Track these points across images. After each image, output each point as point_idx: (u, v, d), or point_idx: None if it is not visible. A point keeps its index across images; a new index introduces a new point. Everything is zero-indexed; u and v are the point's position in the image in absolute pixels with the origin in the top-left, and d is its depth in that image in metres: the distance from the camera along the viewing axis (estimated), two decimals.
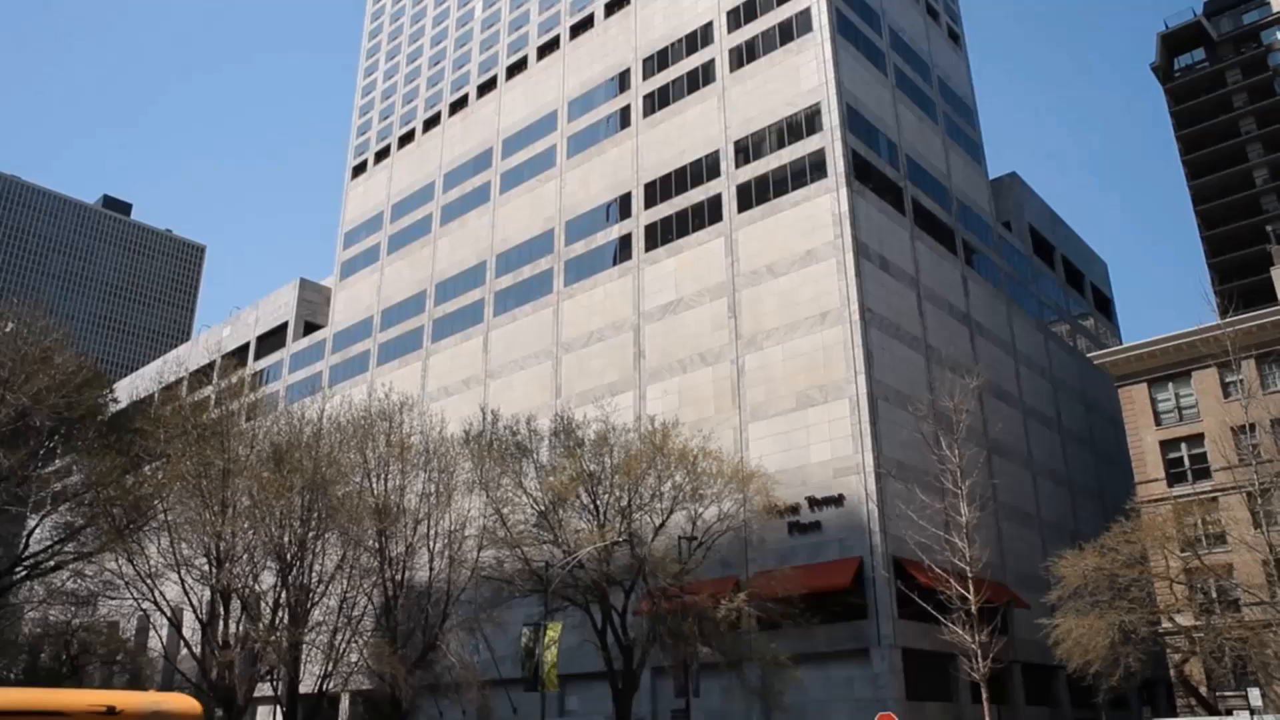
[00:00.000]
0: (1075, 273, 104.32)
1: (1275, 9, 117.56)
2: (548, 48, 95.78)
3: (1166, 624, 51.95)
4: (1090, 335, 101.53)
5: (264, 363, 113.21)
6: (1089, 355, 72.74)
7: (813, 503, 59.67)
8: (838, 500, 58.85)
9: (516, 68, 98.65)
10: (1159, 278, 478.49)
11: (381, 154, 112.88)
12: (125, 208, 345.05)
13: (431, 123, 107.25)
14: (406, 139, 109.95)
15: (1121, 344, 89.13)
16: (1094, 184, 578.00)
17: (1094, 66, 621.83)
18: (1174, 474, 61.02)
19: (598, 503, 54.34)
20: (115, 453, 50.07)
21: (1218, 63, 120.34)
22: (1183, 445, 61.29)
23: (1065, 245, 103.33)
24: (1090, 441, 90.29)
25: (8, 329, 50.75)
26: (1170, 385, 63.05)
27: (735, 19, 78.74)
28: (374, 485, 54.33)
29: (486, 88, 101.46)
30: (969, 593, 45.83)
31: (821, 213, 66.03)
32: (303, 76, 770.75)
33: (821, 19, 72.25)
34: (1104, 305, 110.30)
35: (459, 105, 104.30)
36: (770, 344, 65.45)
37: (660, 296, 73.37)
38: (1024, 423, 79.26)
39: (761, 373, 65.24)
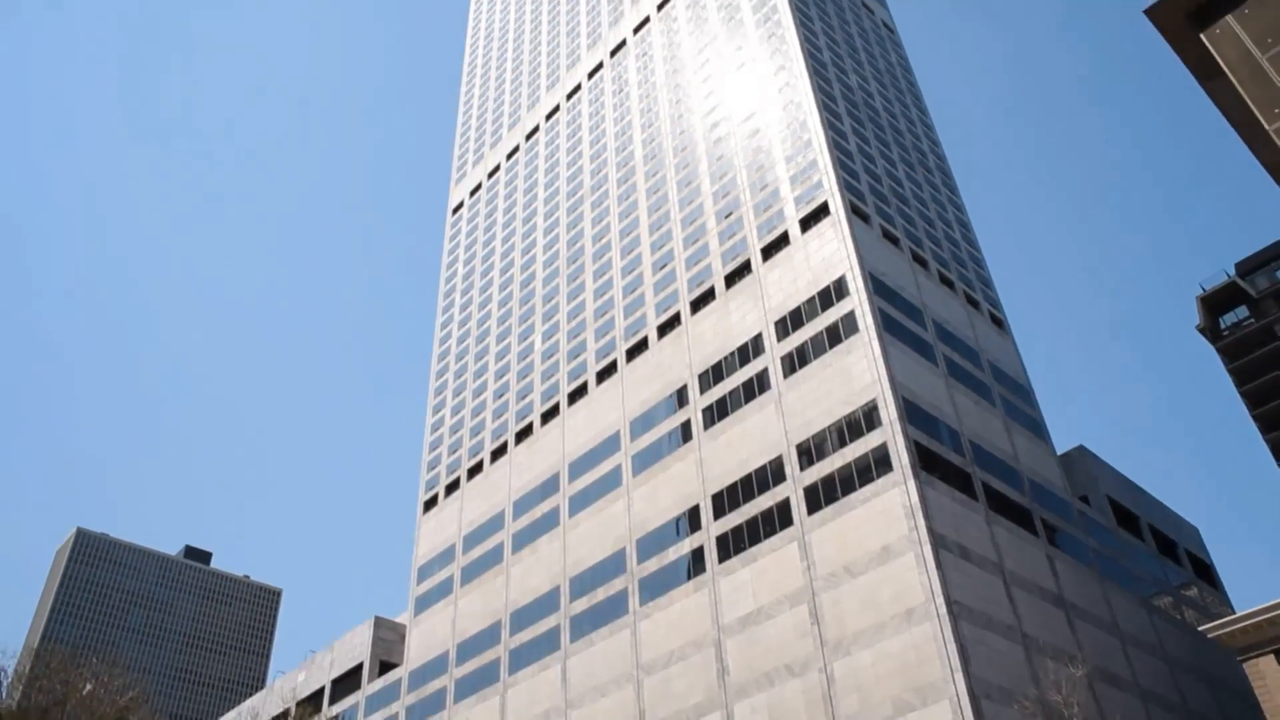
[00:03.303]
0: (1167, 541, 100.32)
1: None
2: (606, 372, 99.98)
3: None
4: (1197, 606, 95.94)
5: (339, 707, 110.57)
6: (1201, 628, 68.34)
7: None
8: None
9: (577, 393, 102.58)
10: (1258, 537, 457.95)
11: (452, 486, 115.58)
12: (205, 556, 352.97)
13: (499, 452, 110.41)
14: (475, 470, 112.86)
15: (1234, 613, 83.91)
16: (1165, 448, 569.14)
17: (1136, 334, 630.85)
18: None
19: None
20: None
21: (1263, 318, 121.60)
22: None
23: (1150, 514, 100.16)
24: None
25: (85, 690, 50.74)
26: None
27: (783, 328, 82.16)
28: None
29: (550, 415, 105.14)
30: None
31: (893, 507, 65.36)
32: (375, 418, 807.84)
33: (866, 320, 75.10)
34: (1205, 572, 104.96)
35: (524, 434, 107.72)
36: (858, 648, 62.72)
37: (739, 608, 71.56)
38: (1145, 710, 73.37)
39: (852, 679, 62.07)
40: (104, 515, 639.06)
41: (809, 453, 73.66)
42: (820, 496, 70.77)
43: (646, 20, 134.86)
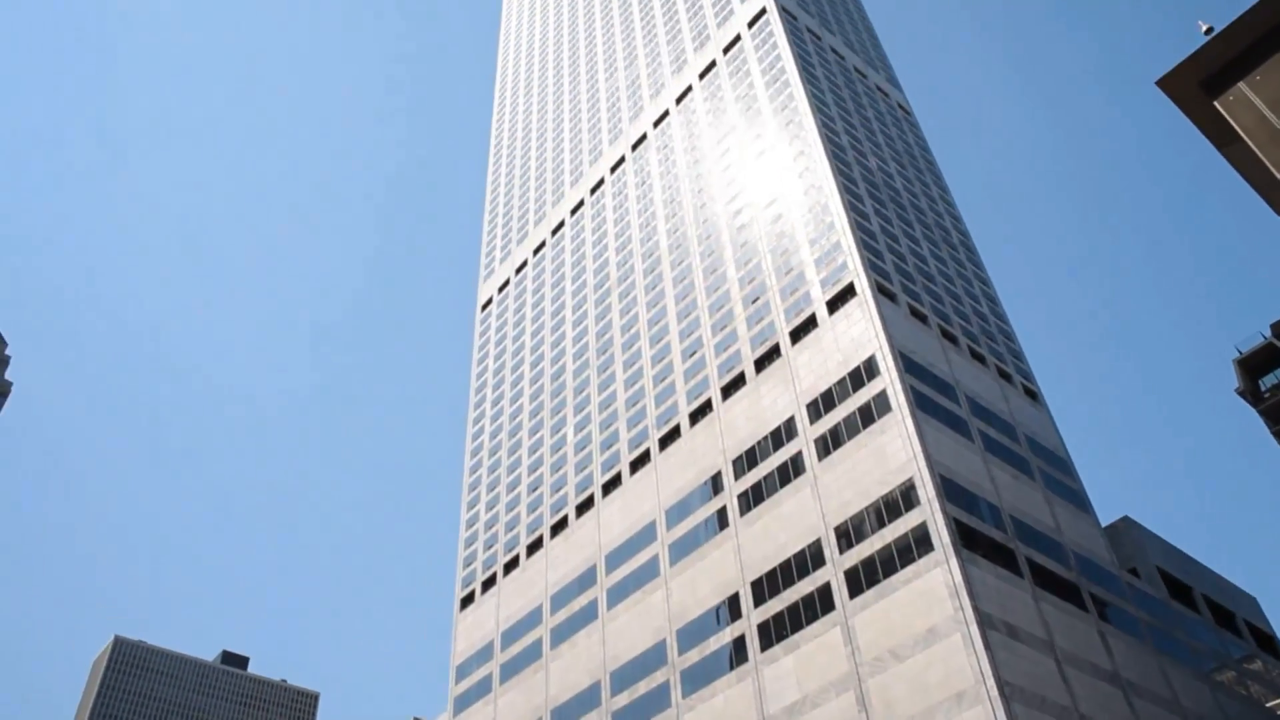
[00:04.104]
0: (1224, 612, 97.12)
1: None
2: (639, 461, 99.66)
3: None
4: (1263, 680, 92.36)
5: None
6: (1269, 704, 65.88)
7: None
8: None
9: (612, 484, 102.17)
10: None
11: (488, 582, 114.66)
12: (242, 661, 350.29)
13: (534, 546, 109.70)
14: (511, 565, 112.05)
15: None
16: (1212, 515, 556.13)
17: (1172, 398, 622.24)
18: None
19: None
20: None
21: None
22: None
23: (1203, 584, 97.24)
24: None
25: None
26: None
27: (815, 411, 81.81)
28: None
29: (584, 507, 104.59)
30: None
31: (936, 587, 64.06)
32: (409, 516, 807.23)
33: (899, 398, 74.67)
34: (1268, 644, 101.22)
35: (559, 527, 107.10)
36: None
37: (783, 697, 69.86)
38: None
39: None
40: (141, 622, 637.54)
41: (848, 535, 72.66)
42: (861, 579, 69.53)
43: (666, 113, 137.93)
